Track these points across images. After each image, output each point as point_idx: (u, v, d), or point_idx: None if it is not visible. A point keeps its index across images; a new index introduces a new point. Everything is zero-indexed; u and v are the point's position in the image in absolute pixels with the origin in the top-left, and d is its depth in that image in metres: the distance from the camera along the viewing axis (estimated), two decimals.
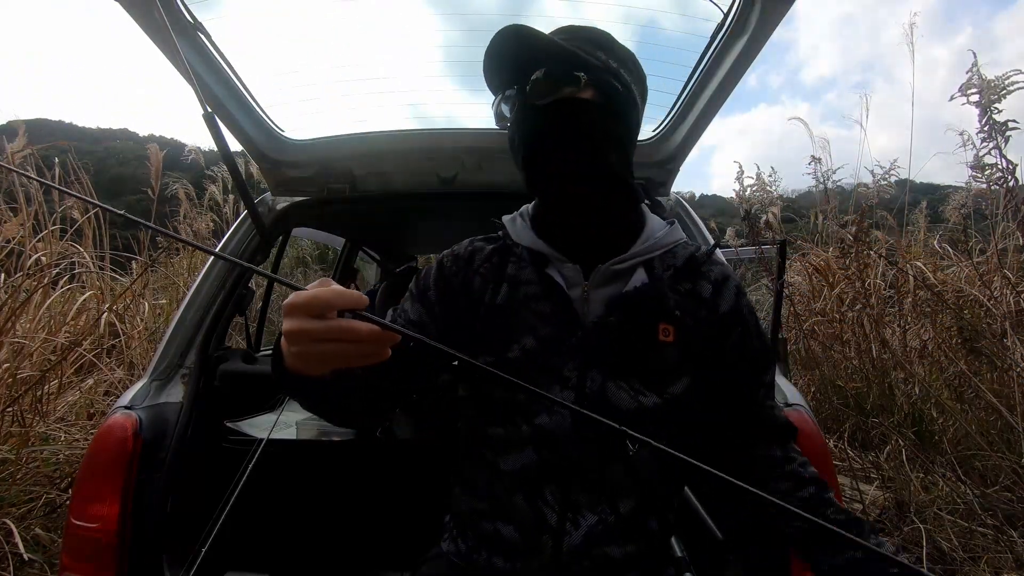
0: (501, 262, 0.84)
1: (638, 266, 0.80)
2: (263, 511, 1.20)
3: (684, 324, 0.78)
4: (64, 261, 2.94)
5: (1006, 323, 2.31)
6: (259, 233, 1.43)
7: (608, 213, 0.81)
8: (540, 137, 0.76)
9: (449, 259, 0.87)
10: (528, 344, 0.77)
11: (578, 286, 0.79)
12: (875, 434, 2.54)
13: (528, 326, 0.78)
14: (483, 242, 0.89)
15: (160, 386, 1.19)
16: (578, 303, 0.78)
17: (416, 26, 1.27)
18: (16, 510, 1.77)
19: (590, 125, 0.75)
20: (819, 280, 3.51)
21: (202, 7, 1.09)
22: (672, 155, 1.49)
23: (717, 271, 0.84)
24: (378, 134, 1.49)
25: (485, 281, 0.83)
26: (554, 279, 0.79)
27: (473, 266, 0.85)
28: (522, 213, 0.89)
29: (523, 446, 0.76)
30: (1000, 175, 2.09)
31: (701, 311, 0.80)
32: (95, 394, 2.50)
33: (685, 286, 0.81)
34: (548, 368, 0.76)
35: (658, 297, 0.79)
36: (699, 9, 1.11)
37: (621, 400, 0.75)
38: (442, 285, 0.84)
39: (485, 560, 0.77)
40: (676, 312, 0.78)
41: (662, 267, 0.82)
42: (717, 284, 0.82)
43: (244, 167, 3.57)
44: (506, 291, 0.81)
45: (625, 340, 0.77)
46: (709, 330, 0.80)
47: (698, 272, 0.83)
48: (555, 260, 0.81)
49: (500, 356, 0.78)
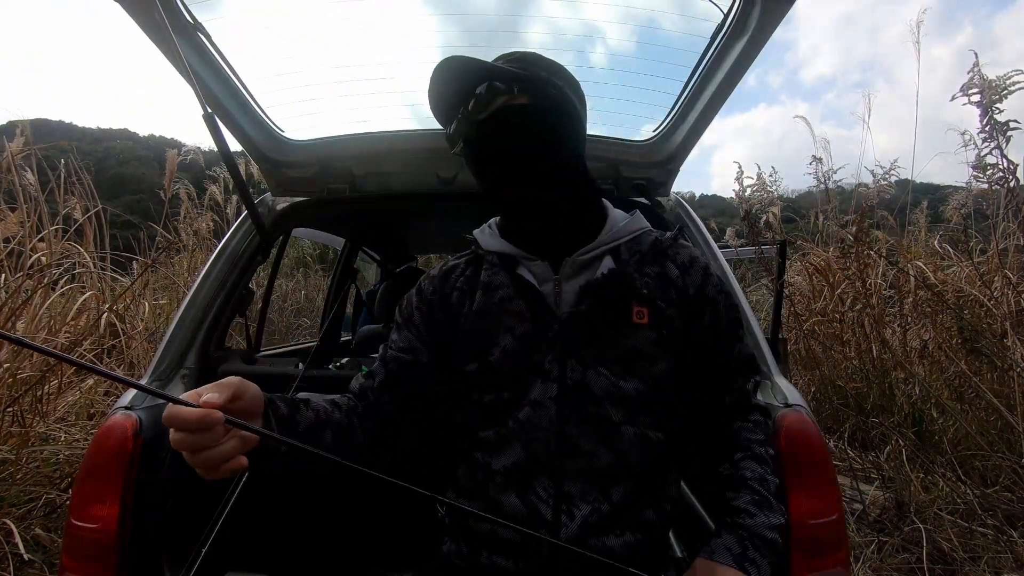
0: (475, 272, 0.88)
1: (604, 254, 0.83)
2: (263, 511, 1.20)
3: (657, 306, 0.80)
4: (65, 261, 2.95)
5: (1006, 323, 2.31)
6: (259, 233, 1.43)
7: (565, 209, 0.83)
8: (486, 147, 0.79)
9: (427, 282, 0.91)
10: (507, 344, 0.80)
11: (549, 281, 0.82)
12: (875, 434, 2.54)
13: (505, 327, 0.81)
14: (456, 260, 0.93)
15: (160, 386, 1.19)
16: (550, 297, 0.81)
17: (416, 26, 1.27)
18: (16, 510, 1.77)
19: (531, 126, 0.78)
20: (819, 280, 3.51)
21: (202, 7, 1.09)
22: (672, 155, 1.49)
23: (684, 254, 0.87)
24: (378, 134, 1.49)
25: (463, 294, 0.86)
26: (524, 277, 0.82)
27: (450, 283, 0.89)
28: (490, 224, 0.92)
29: (511, 443, 0.77)
30: (1001, 175, 2.09)
31: (671, 292, 0.82)
32: (95, 394, 2.50)
33: (653, 269, 0.84)
34: (528, 364, 0.78)
35: (626, 279, 0.81)
36: (699, 9, 1.11)
37: (603, 387, 0.77)
38: (424, 309, 0.88)
39: (488, 560, 0.77)
40: (645, 292, 0.80)
41: (628, 253, 0.84)
42: (684, 266, 0.85)
43: (244, 167, 3.57)
44: (481, 297, 0.84)
45: (600, 325, 0.79)
46: (681, 311, 0.82)
47: (664, 255, 0.85)
48: (523, 260, 0.84)
49: (482, 361, 0.81)
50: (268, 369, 1.38)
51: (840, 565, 0.88)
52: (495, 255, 0.86)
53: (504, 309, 0.82)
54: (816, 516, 0.88)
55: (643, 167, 1.53)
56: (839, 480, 1.96)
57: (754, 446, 0.79)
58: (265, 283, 2.32)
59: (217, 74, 1.24)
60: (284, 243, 1.88)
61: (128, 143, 29.53)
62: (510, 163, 0.78)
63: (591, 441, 0.76)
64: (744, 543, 0.70)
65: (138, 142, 30.72)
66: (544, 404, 0.77)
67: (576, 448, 0.76)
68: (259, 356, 1.59)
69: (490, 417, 0.80)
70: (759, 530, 0.71)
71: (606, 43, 1.42)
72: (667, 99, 1.38)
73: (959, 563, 1.75)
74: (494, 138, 0.78)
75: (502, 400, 0.79)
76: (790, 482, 0.90)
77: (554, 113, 0.79)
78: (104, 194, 3.46)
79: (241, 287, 1.39)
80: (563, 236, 0.83)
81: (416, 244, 3.09)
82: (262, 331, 2.30)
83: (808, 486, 0.90)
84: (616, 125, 1.50)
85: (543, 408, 0.77)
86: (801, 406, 1.00)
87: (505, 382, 0.79)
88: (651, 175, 1.54)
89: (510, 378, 0.79)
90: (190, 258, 3.89)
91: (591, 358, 0.78)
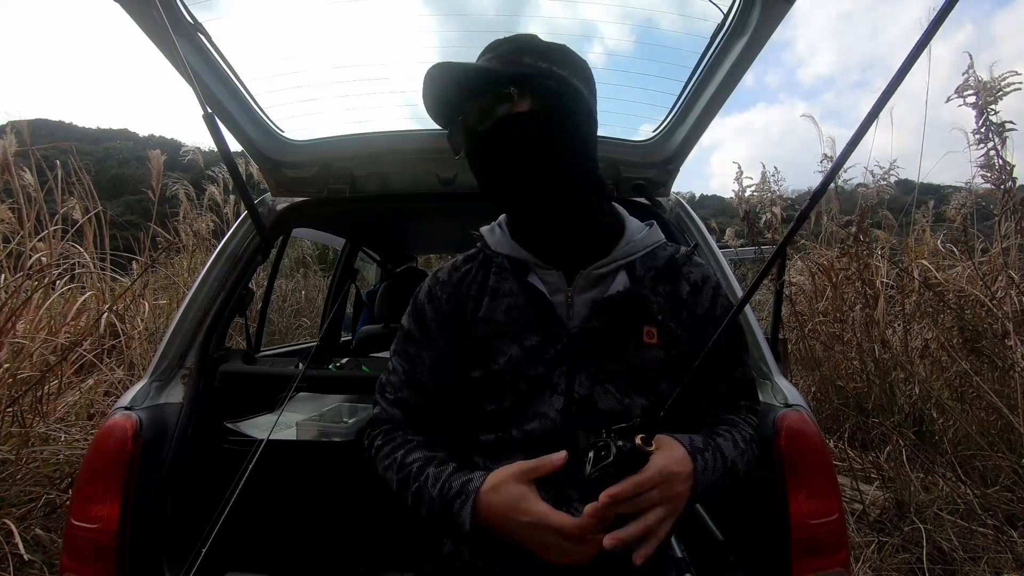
0: (484, 277, 0.85)
1: (620, 269, 0.81)
2: (263, 511, 1.20)
3: (666, 326, 0.79)
4: (65, 262, 2.95)
5: (1008, 323, 2.31)
6: (259, 234, 1.43)
7: (576, 219, 0.81)
8: (491, 161, 0.76)
9: (439, 289, 0.87)
10: (513, 354, 0.78)
11: (561, 292, 0.80)
12: (875, 434, 2.54)
13: (512, 336, 0.79)
14: (464, 262, 0.89)
15: (160, 387, 1.19)
16: (561, 309, 0.79)
17: (415, 26, 1.27)
18: (16, 510, 1.77)
19: (535, 137, 0.74)
20: (822, 280, 3.51)
21: (202, 7, 1.09)
22: (672, 155, 1.49)
23: (697, 272, 0.85)
24: (378, 134, 1.49)
25: (476, 302, 0.84)
26: (536, 287, 0.80)
27: (462, 291, 0.85)
28: (500, 223, 0.89)
29: (514, 451, 0.77)
30: (998, 175, 2.09)
31: (681, 312, 0.81)
32: (95, 394, 2.50)
33: (665, 288, 0.82)
34: (535, 375, 0.77)
35: (641, 300, 0.80)
36: (699, 9, 1.11)
37: (609, 404, 0.76)
38: (440, 320, 0.85)
39: (488, 562, 0.77)
40: (659, 316, 0.79)
41: (643, 269, 0.82)
42: (696, 286, 0.84)
43: (244, 167, 3.57)
44: (488, 303, 0.82)
45: (610, 343, 0.78)
46: (689, 331, 0.81)
47: (678, 273, 0.84)
48: (536, 267, 0.82)
49: (486, 369, 0.79)
50: (268, 369, 1.38)
51: (840, 565, 0.88)
52: (504, 258, 0.84)
53: (511, 318, 0.80)
54: (816, 516, 0.88)
55: (643, 167, 1.53)
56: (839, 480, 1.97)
57: (740, 426, 0.80)
58: (265, 283, 2.33)
59: (217, 74, 1.23)
60: (284, 243, 1.88)
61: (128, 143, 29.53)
62: (514, 175, 0.76)
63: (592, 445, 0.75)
64: (707, 444, 0.72)
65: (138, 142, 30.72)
66: (549, 416, 0.76)
67: (578, 456, 0.75)
68: (259, 356, 1.59)
69: (492, 424, 0.80)
70: (725, 448, 0.73)
71: (606, 43, 1.42)
72: (667, 99, 1.38)
73: (959, 563, 1.75)
74: (496, 151, 0.75)
75: (505, 409, 0.79)
76: (790, 482, 0.90)
77: (558, 114, 0.75)
78: (104, 194, 3.46)
79: (241, 287, 1.39)
80: (577, 247, 0.81)
81: (416, 244, 3.09)
82: (262, 331, 2.30)
83: (808, 486, 0.90)
84: (616, 125, 1.49)
85: (548, 420, 0.76)
86: (801, 406, 1.00)
87: (509, 391, 0.78)
88: (651, 175, 1.54)
89: (514, 388, 0.78)
90: (190, 258, 3.89)
91: (600, 374, 0.77)
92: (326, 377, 1.35)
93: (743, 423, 0.82)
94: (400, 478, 0.77)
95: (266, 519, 1.23)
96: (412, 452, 0.79)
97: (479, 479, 0.71)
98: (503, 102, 0.73)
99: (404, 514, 0.78)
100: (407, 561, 1.21)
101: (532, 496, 0.66)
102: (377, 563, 1.24)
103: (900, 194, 3.60)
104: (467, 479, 0.72)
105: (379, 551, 1.25)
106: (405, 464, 0.77)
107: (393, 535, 1.22)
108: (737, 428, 0.79)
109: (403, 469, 0.77)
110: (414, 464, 0.77)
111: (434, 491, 0.72)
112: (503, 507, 0.67)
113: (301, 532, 1.26)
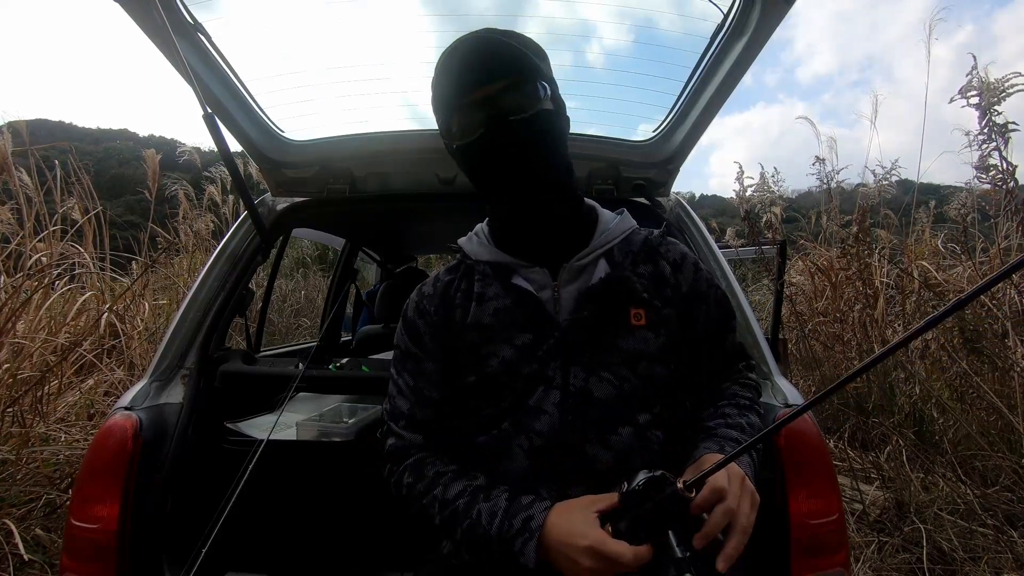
0: (468, 284, 0.86)
1: (599, 258, 0.83)
2: (263, 512, 1.20)
3: (653, 306, 0.81)
4: (64, 262, 2.95)
5: (1008, 323, 2.31)
6: (259, 234, 1.43)
7: (564, 212, 0.84)
8: (519, 149, 0.76)
9: (427, 303, 0.88)
10: (506, 355, 0.79)
11: (547, 287, 0.81)
12: (875, 434, 2.54)
13: (503, 338, 0.80)
14: (447, 273, 0.91)
15: (160, 387, 1.19)
16: (549, 304, 0.80)
17: (415, 26, 1.27)
18: (16, 510, 1.77)
19: (552, 134, 0.78)
20: (822, 280, 3.51)
21: (202, 7, 1.09)
22: (672, 155, 1.49)
23: (675, 251, 0.87)
24: (378, 134, 1.49)
25: (464, 311, 0.85)
26: (521, 287, 0.81)
27: (448, 302, 0.86)
28: (476, 232, 0.91)
29: (513, 450, 0.77)
30: (1001, 176, 2.09)
31: (666, 290, 0.83)
32: (95, 394, 2.50)
33: (647, 268, 0.84)
34: (530, 372, 0.78)
35: (625, 281, 0.81)
36: (699, 9, 1.11)
37: (605, 392, 0.77)
38: (431, 331, 0.86)
39: None
40: (644, 295, 0.81)
41: (621, 255, 0.84)
42: (676, 264, 0.85)
43: (244, 167, 3.57)
44: (475, 310, 0.83)
45: (600, 330, 0.79)
46: (677, 309, 0.82)
47: (656, 253, 0.86)
48: (520, 268, 0.83)
49: (480, 373, 0.80)
50: (268, 369, 1.38)
51: (840, 565, 0.88)
52: (486, 264, 0.85)
53: (500, 320, 0.80)
54: (816, 516, 0.88)
55: (643, 167, 1.53)
56: (839, 480, 1.97)
57: (739, 398, 0.83)
58: (265, 283, 2.33)
59: (217, 74, 1.24)
60: (284, 243, 1.88)
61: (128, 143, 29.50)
62: (533, 167, 0.77)
63: (593, 445, 0.76)
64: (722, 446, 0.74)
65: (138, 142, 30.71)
66: (547, 411, 0.76)
67: (578, 453, 0.75)
68: (259, 356, 1.59)
69: (490, 425, 0.80)
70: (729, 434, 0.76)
71: (605, 43, 1.42)
72: (667, 99, 1.38)
73: (959, 563, 1.75)
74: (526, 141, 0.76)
75: (501, 409, 0.79)
76: (790, 482, 0.90)
77: (562, 117, 0.80)
78: (104, 194, 3.46)
79: (241, 287, 1.39)
80: (560, 241, 0.83)
81: (416, 244, 3.09)
82: (262, 331, 2.30)
83: (808, 486, 0.90)
84: (616, 125, 1.49)
85: (546, 415, 0.76)
86: None
87: (505, 392, 0.79)
88: (651, 175, 1.54)
89: (510, 388, 0.79)
90: (190, 258, 3.89)
91: (594, 364, 0.77)
92: (326, 377, 1.35)
93: (740, 391, 0.84)
94: (445, 516, 0.75)
95: (266, 519, 1.23)
96: (451, 486, 0.77)
97: (539, 515, 0.69)
98: (540, 96, 0.77)
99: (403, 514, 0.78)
100: (407, 561, 1.21)
101: (595, 522, 0.65)
102: (377, 563, 1.24)
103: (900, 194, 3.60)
104: (527, 516, 0.70)
105: (379, 551, 1.25)
106: (448, 501, 0.75)
107: (393, 535, 1.22)
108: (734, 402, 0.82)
109: (446, 507, 0.75)
110: (459, 501, 0.74)
111: (491, 529, 0.70)
112: (564, 533, 0.66)
113: (301, 532, 1.26)
